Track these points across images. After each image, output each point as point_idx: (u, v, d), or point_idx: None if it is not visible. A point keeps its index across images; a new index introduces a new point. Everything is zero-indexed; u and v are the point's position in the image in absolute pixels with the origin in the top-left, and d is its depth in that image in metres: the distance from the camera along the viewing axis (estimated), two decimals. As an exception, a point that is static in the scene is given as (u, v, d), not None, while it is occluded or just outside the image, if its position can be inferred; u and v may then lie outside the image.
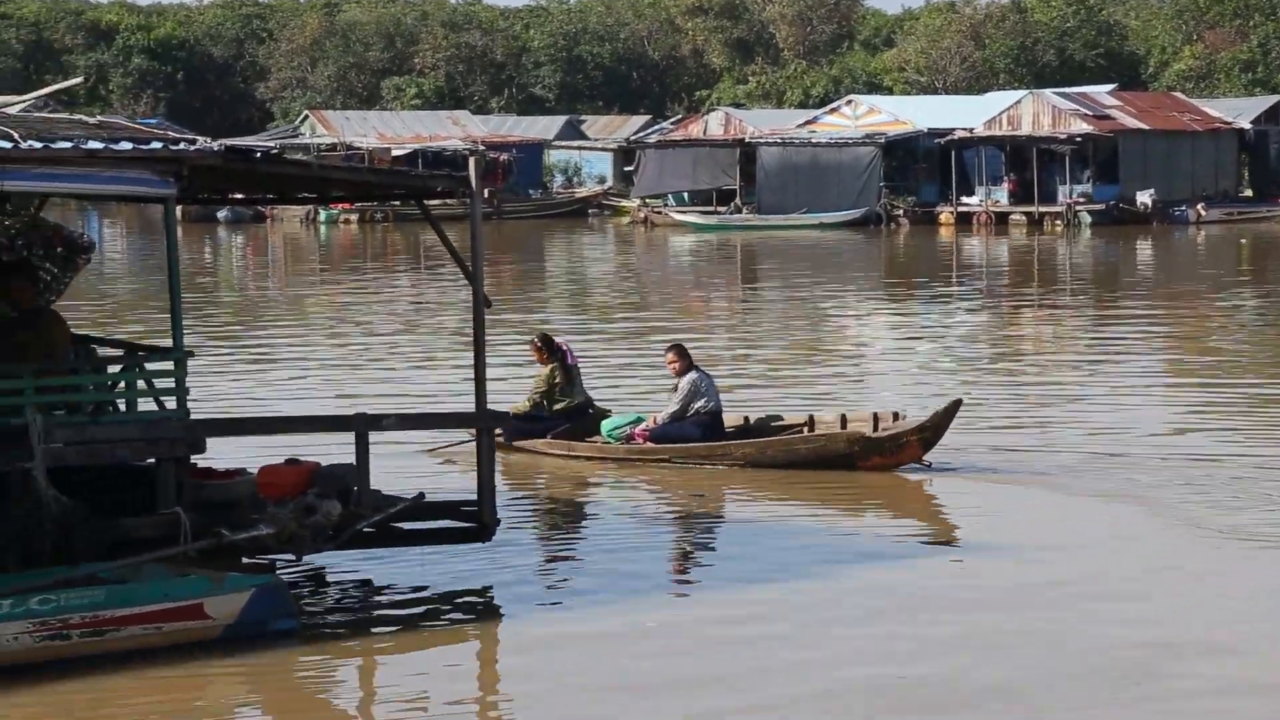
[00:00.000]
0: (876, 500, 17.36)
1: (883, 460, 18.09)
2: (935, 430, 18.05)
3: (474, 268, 14.20)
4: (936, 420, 18.08)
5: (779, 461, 18.32)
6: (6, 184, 12.53)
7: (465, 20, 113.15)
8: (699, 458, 18.57)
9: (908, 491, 17.71)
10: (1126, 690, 11.32)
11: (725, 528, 16.49)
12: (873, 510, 17.13)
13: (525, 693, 11.62)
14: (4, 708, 11.04)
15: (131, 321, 33.01)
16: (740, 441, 18.66)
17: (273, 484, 13.35)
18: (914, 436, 18.07)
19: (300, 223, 71.44)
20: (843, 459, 18.15)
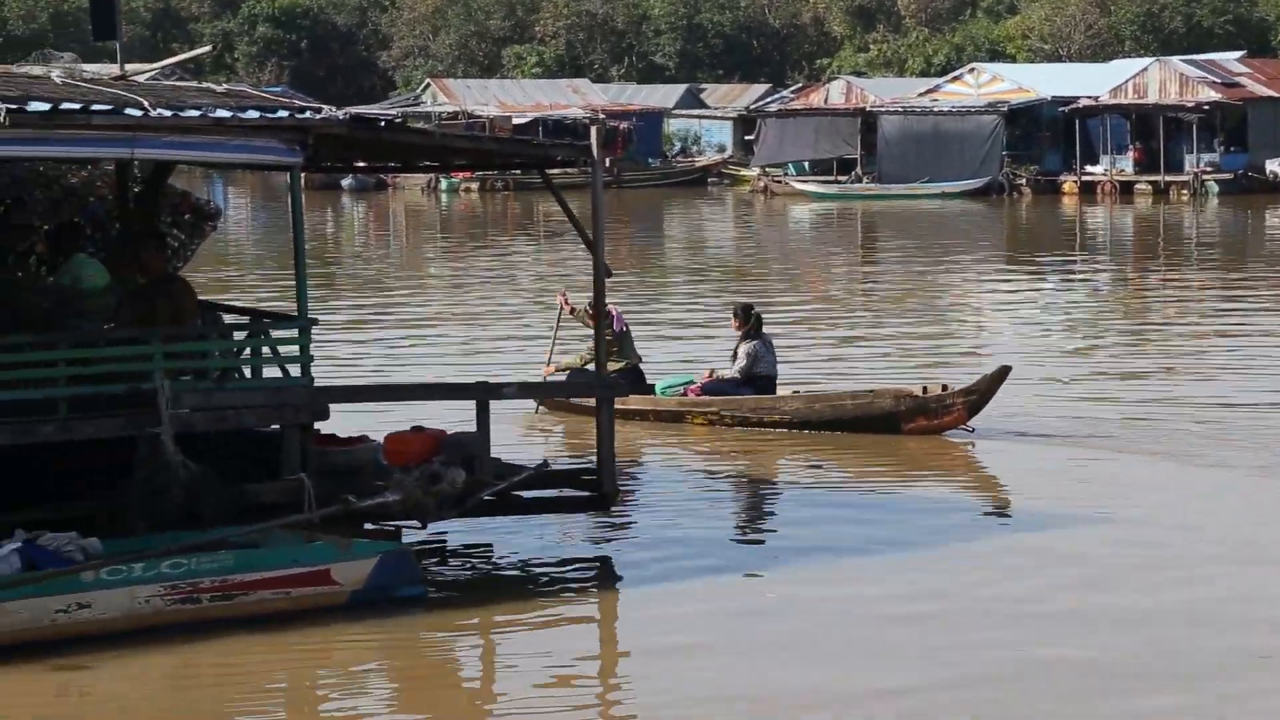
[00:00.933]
0: (961, 469, 17.40)
1: (927, 422, 18.33)
2: (982, 395, 18.22)
3: (595, 236, 14.23)
4: (983, 385, 18.27)
5: (826, 419, 18.60)
6: (138, 152, 12.68)
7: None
8: (748, 411, 18.88)
9: (999, 461, 17.67)
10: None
11: (834, 497, 16.39)
12: (961, 478, 17.17)
13: (645, 664, 11.63)
14: (135, 668, 11.19)
15: (256, 288, 33.35)
16: (788, 397, 18.99)
17: (399, 451, 13.44)
18: (960, 400, 18.26)
19: (421, 191, 71.84)
20: (888, 419, 18.42)
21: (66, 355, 12.69)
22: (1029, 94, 69.11)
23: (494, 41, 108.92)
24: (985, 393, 18.26)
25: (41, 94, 12.38)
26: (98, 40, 16.48)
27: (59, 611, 11.21)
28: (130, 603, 11.43)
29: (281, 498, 13.15)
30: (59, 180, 15.39)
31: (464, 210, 63.77)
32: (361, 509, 12.90)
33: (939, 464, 17.61)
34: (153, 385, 12.64)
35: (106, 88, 13.21)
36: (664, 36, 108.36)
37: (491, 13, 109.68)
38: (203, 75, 78.64)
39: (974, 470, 17.60)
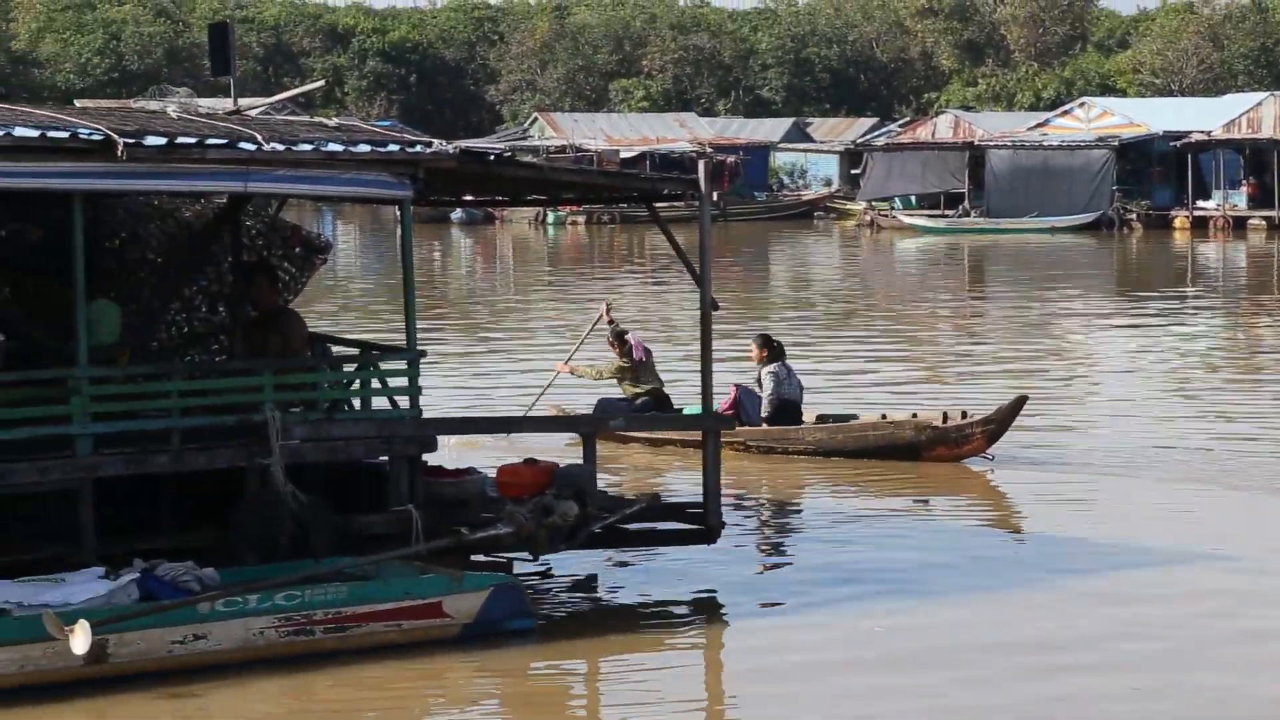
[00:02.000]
0: (1033, 501, 17.36)
1: (947, 451, 18.77)
2: (1000, 424, 18.68)
3: (702, 270, 14.23)
4: (1001, 415, 18.74)
5: (848, 449, 18.97)
6: (252, 186, 12.82)
7: (693, 23, 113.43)
8: (774, 440, 19.15)
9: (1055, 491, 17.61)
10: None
11: (920, 526, 16.39)
12: (1035, 509, 17.05)
13: (753, 696, 11.60)
14: (249, 696, 11.27)
15: (365, 321, 33.61)
16: (813, 427, 19.35)
17: (512, 483, 13.46)
18: (979, 429, 18.71)
19: (529, 224, 72.19)
20: (909, 448, 18.86)
21: (180, 386, 12.84)
22: (1140, 128, 68.56)
23: (601, 75, 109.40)
24: (1003, 422, 18.71)
25: (158, 128, 12.55)
26: (215, 76, 16.67)
27: (175, 643, 11.31)
28: (245, 634, 11.51)
29: (389, 529, 13.23)
30: (174, 213, 15.59)
31: (570, 243, 64.03)
32: (474, 541, 12.93)
33: (1020, 495, 17.61)
34: (263, 416, 12.77)
35: (221, 122, 13.38)
36: (771, 70, 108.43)
37: (599, 47, 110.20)
38: (313, 110, 79.47)
39: (1044, 501, 17.40)
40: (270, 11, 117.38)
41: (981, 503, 17.36)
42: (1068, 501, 17.31)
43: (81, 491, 12.30)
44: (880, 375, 26.32)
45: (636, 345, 19.90)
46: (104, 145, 12.04)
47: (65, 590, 11.44)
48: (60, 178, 12.11)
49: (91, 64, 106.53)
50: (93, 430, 12.34)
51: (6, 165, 11.87)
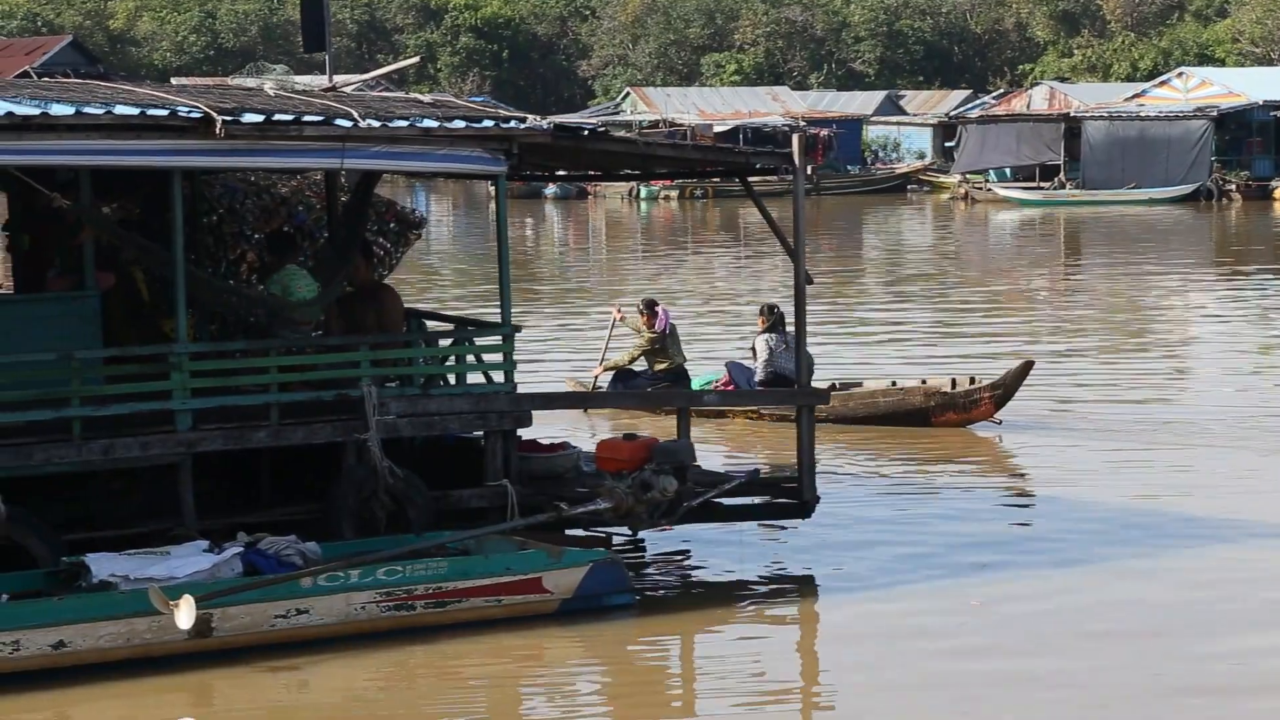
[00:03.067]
0: (1108, 473, 17.24)
1: (957, 416, 19.19)
2: (1007, 389, 19.08)
3: (795, 244, 14.21)
4: (1008, 380, 19.14)
5: (859, 415, 19.25)
6: (348, 162, 12.91)
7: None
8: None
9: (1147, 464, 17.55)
10: None
11: (1022, 498, 16.39)
12: (1113, 484, 16.87)
13: (851, 671, 11.58)
14: (351, 666, 11.35)
15: (459, 297, 33.73)
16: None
17: (611, 458, 13.46)
18: (987, 394, 19.13)
19: (621, 199, 72.17)
20: (919, 414, 19.24)
21: (278, 362, 12.95)
22: (1239, 98, 67.71)
23: (693, 50, 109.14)
24: (1010, 386, 19.10)
25: (255, 106, 12.65)
26: (307, 52, 16.78)
27: (278, 617, 11.41)
28: (346, 609, 11.60)
29: (485, 504, 13.29)
30: (270, 189, 15.70)
31: (663, 218, 63.95)
32: (573, 516, 12.97)
33: (1090, 470, 17.46)
34: (360, 392, 12.85)
35: (317, 99, 13.47)
36: (864, 43, 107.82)
37: (691, 21, 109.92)
38: (406, 86, 79.76)
39: (1118, 471, 17.37)
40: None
41: (1061, 476, 17.21)
42: (1143, 471, 17.24)
43: (182, 466, 12.43)
44: (960, 348, 26.15)
45: (662, 317, 19.94)
46: (203, 122, 12.15)
47: (170, 564, 11.57)
48: (160, 154, 12.25)
49: (188, 42, 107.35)
50: (192, 405, 12.47)
51: (108, 143, 12.00)
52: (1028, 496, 16.59)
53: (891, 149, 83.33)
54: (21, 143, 11.79)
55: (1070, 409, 20.66)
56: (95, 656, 10.94)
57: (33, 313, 13.03)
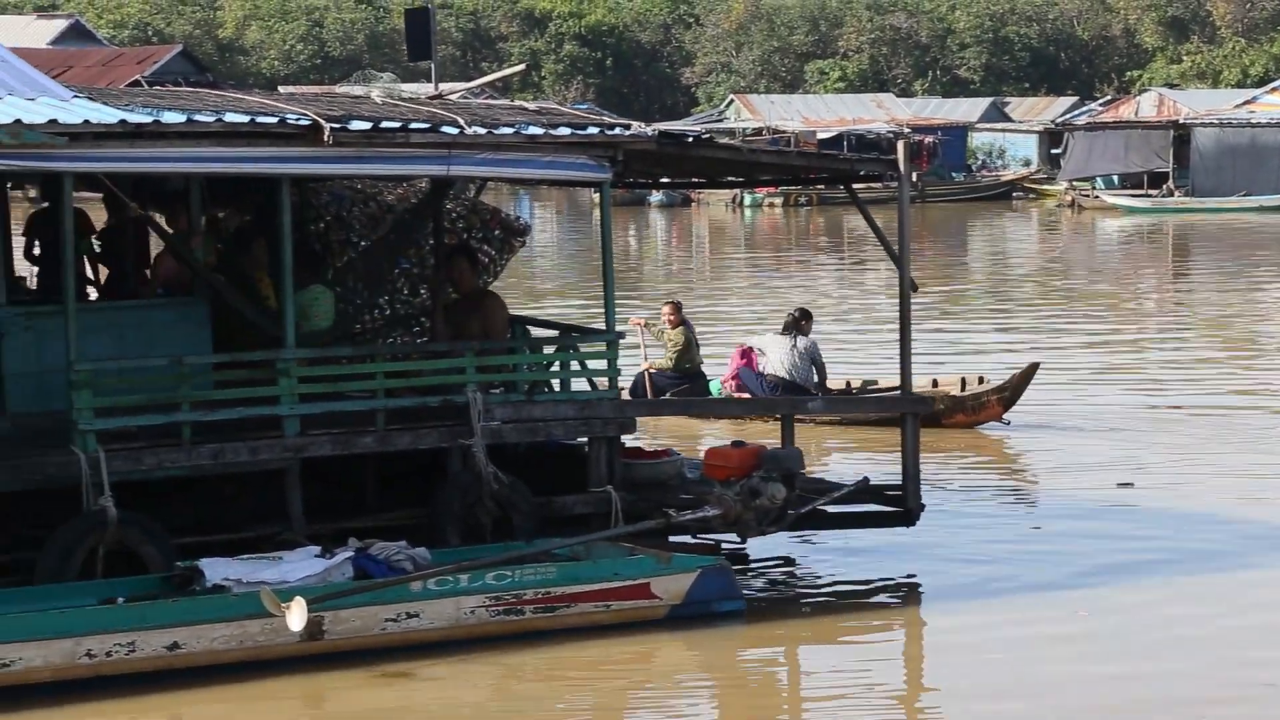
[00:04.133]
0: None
1: (966, 418, 19.62)
2: (1014, 391, 19.58)
3: (900, 251, 14.16)
4: (1015, 382, 19.66)
5: (871, 418, 19.33)
6: (454, 169, 12.98)
7: (890, 2, 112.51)
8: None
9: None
10: None
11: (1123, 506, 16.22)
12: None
13: (958, 681, 11.52)
14: (459, 670, 11.41)
15: (563, 303, 33.81)
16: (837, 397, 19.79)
17: (719, 465, 13.44)
18: (994, 396, 19.63)
19: (726, 206, 72.11)
20: (929, 416, 18.81)
21: (384, 368, 13.03)
22: (1351, 104, 66.79)
23: (797, 57, 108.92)
24: (1017, 389, 19.59)
25: (362, 113, 12.75)
26: (412, 61, 16.93)
27: (388, 620, 11.48)
28: (456, 613, 11.65)
29: (589, 510, 13.32)
30: (376, 197, 15.81)
31: (767, 225, 63.84)
32: (682, 523, 12.98)
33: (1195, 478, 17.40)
34: (465, 398, 12.92)
35: (423, 106, 13.56)
36: (969, 50, 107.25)
37: (795, 28, 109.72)
38: (511, 94, 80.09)
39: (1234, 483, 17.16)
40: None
41: (1166, 483, 17.11)
42: (1251, 480, 17.05)
43: (290, 471, 12.54)
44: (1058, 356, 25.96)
45: (686, 324, 20.10)
46: (311, 130, 12.26)
47: (282, 568, 11.68)
48: (269, 162, 12.36)
49: (295, 51, 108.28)
50: (300, 411, 12.58)
51: (218, 150, 12.13)
52: (1129, 504, 16.41)
53: (997, 156, 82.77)
54: (134, 150, 11.93)
55: (1177, 417, 20.49)
56: (208, 658, 11.06)
57: (144, 318, 13.19)
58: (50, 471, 11.83)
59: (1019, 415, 20.01)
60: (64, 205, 12.17)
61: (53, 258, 14.32)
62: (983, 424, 19.69)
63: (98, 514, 11.73)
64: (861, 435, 19.30)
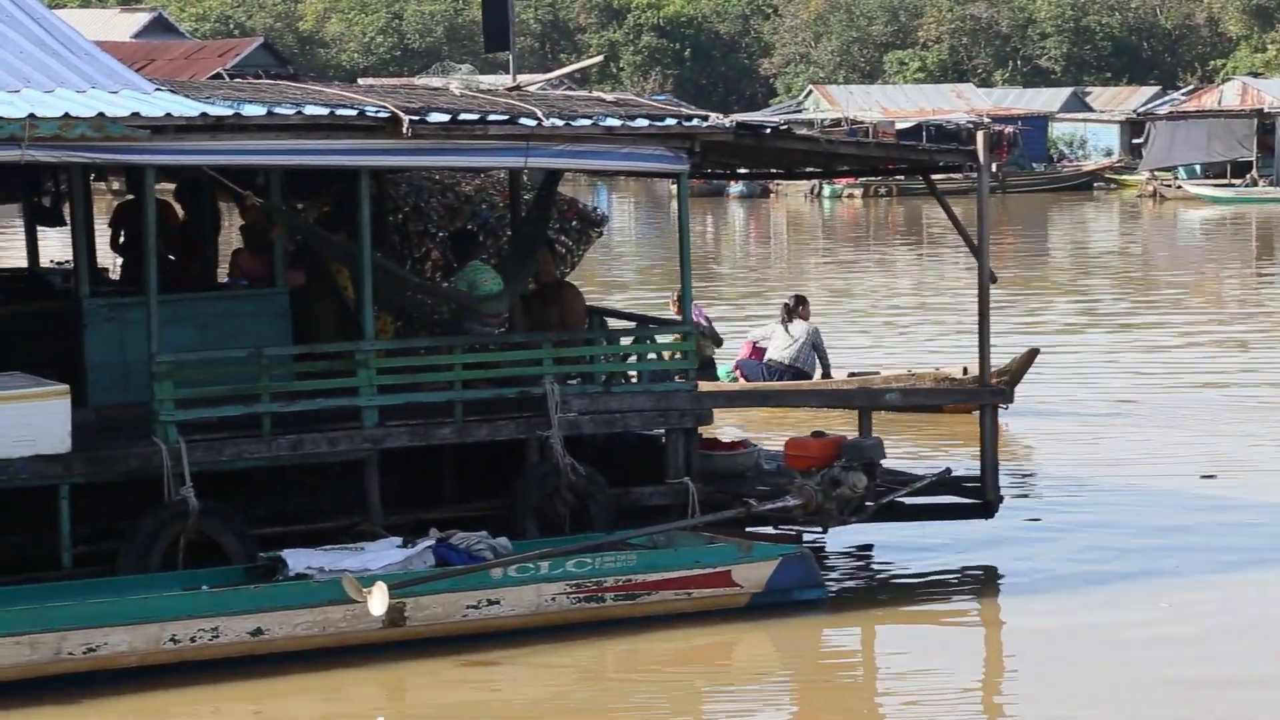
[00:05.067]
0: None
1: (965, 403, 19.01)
2: (1014, 376, 19.45)
3: (980, 242, 14.10)
4: (1014, 367, 19.67)
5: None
6: (532, 161, 13.02)
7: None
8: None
9: None
10: None
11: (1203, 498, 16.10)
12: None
13: (1038, 674, 11.47)
14: (540, 657, 11.44)
15: (640, 294, 33.82)
16: (841, 381, 20.02)
17: (800, 456, 13.44)
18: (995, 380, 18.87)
19: (804, 197, 71.94)
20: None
21: (462, 359, 13.09)
22: None
23: (876, 47, 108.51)
24: (1016, 374, 19.54)
25: (441, 105, 12.80)
26: (489, 52, 17.02)
27: (469, 607, 11.53)
28: (537, 600, 11.70)
29: (666, 501, 13.33)
30: (454, 188, 15.87)
31: (846, 216, 63.65)
32: (763, 513, 12.97)
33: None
34: (542, 389, 12.95)
35: (501, 98, 13.60)
36: (1050, 39, 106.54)
37: (874, 18, 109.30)
38: (589, 85, 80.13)
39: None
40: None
41: (1242, 473, 16.98)
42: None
43: (368, 462, 12.61)
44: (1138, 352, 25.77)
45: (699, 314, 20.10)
46: (390, 122, 12.32)
47: (364, 557, 11.77)
48: (348, 154, 12.45)
49: (375, 43, 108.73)
50: (378, 402, 12.64)
51: (298, 142, 12.21)
52: (1211, 496, 16.30)
53: (1078, 146, 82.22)
54: (215, 143, 12.03)
55: (1259, 408, 20.31)
56: (291, 644, 11.15)
57: (226, 309, 13.29)
58: (132, 463, 11.95)
59: (1096, 405, 19.91)
60: (146, 197, 12.27)
61: (137, 249, 14.43)
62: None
63: (179, 505, 11.84)
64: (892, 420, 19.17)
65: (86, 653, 10.71)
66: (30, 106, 11.54)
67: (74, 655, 10.68)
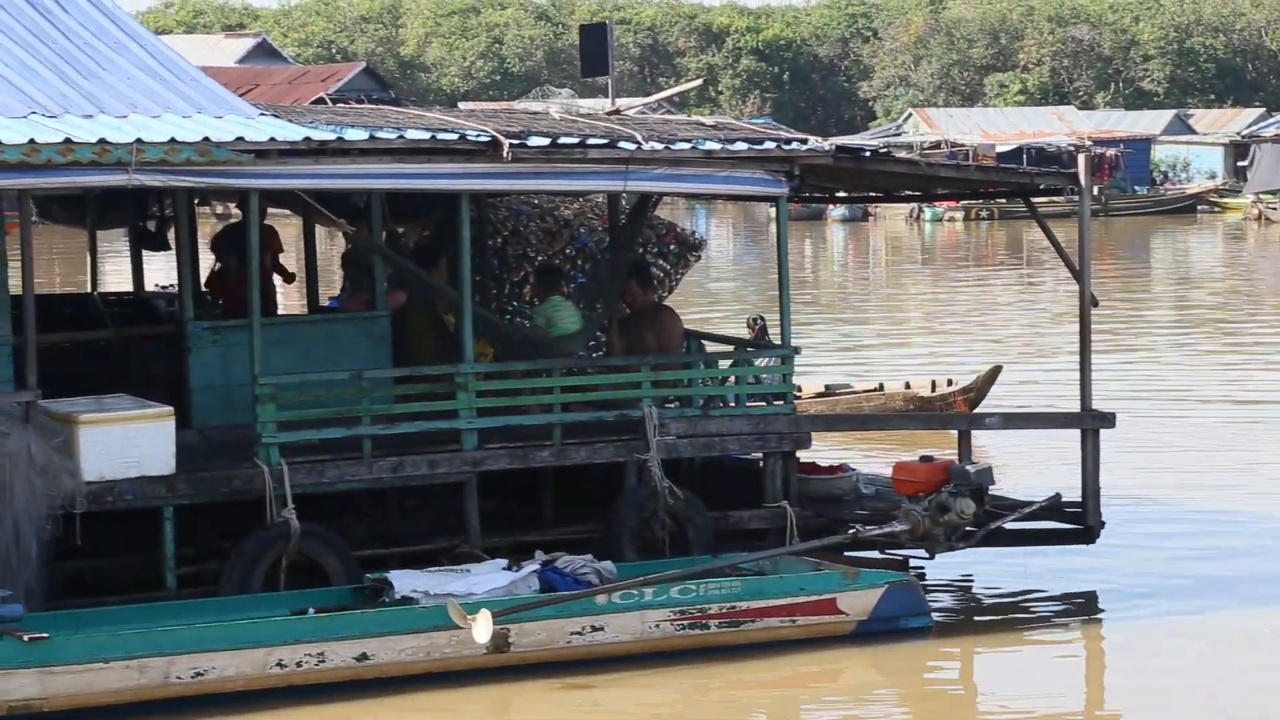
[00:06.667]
0: None
1: None
2: (979, 392, 20.66)
3: (1081, 266, 14.01)
4: (979, 384, 20.78)
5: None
6: (630, 184, 13.04)
7: (1072, 14, 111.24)
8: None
9: None
10: None
11: None
12: None
13: (1146, 699, 11.35)
14: (643, 684, 11.43)
15: (739, 318, 33.80)
16: (812, 399, 20.47)
17: (907, 480, 13.38)
18: (960, 397, 20.68)
19: (904, 221, 71.69)
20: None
21: (561, 383, 13.12)
22: None
23: (976, 70, 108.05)
24: (981, 390, 20.70)
25: (541, 129, 12.86)
26: (585, 76, 17.05)
27: (573, 633, 11.54)
28: (641, 627, 11.68)
29: (764, 525, 13.30)
30: (553, 212, 15.93)
31: (946, 240, 63.35)
32: (869, 538, 12.91)
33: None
34: (640, 412, 12.96)
35: (601, 122, 13.64)
36: (1153, 61, 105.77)
37: (974, 41, 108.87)
38: (687, 108, 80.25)
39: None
40: (647, 12, 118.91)
41: None
42: None
43: (468, 485, 12.66)
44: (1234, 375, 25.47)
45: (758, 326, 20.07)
46: (491, 146, 12.39)
47: (469, 581, 11.79)
48: (449, 178, 12.51)
49: (475, 67, 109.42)
50: (478, 425, 12.69)
51: (399, 166, 12.30)
52: None
53: (1181, 169, 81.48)
54: (318, 167, 12.14)
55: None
56: (396, 669, 11.19)
57: (327, 332, 13.39)
58: (235, 484, 12.05)
59: (1202, 427, 19.67)
60: (250, 221, 12.40)
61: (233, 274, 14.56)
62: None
63: (281, 526, 11.93)
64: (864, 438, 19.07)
65: (194, 677, 10.79)
66: (137, 131, 11.69)
67: (182, 679, 10.76)
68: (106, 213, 16.16)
